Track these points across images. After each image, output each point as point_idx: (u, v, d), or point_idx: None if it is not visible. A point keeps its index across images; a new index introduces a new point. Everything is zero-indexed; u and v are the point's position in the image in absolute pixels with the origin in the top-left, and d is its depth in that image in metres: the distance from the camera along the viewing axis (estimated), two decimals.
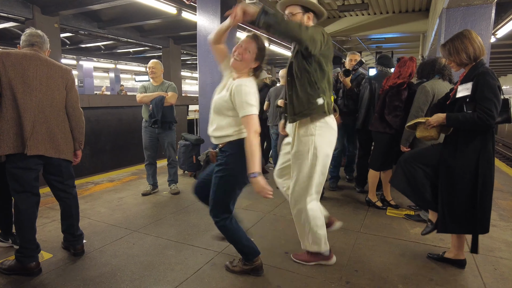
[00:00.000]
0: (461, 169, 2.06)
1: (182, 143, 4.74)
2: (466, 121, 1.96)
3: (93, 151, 7.34)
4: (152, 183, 3.98)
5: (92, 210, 3.37)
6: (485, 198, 2.04)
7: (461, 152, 2.05)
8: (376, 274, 2.19)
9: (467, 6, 4.15)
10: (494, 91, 1.92)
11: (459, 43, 2.03)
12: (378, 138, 3.34)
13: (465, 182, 2.05)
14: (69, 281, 2.10)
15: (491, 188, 2.06)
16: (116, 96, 12.85)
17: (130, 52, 17.02)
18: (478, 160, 2.01)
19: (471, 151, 2.02)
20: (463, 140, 2.05)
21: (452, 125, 2.07)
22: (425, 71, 3.03)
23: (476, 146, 2.01)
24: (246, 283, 2.08)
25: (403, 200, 3.74)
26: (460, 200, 2.08)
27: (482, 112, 1.90)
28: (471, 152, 2.02)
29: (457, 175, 2.07)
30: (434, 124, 2.12)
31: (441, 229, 2.16)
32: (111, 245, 2.60)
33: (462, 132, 2.06)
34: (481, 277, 2.17)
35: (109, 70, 22.44)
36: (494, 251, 2.52)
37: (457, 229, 2.15)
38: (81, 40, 13.40)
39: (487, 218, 2.08)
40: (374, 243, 2.67)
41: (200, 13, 5.21)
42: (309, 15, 2.12)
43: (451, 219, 2.11)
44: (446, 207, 2.11)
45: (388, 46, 12.60)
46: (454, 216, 2.10)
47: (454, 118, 2.02)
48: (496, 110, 1.91)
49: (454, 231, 2.18)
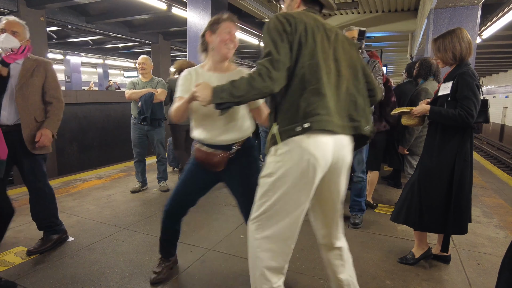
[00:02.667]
0: (438, 168, 2.09)
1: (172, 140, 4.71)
2: (447, 116, 2.00)
3: (81, 147, 7.24)
4: (141, 180, 3.95)
5: (81, 208, 3.33)
6: (460, 197, 2.06)
7: (438, 151, 2.09)
8: (364, 270, 2.23)
9: (454, 7, 4.23)
10: (473, 91, 1.96)
11: (449, 41, 2.05)
12: (378, 138, 3.38)
13: (441, 180, 2.08)
14: (57, 279, 2.07)
15: (468, 189, 2.09)
16: (104, 92, 12.67)
17: (119, 47, 16.80)
18: (455, 159, 2.05)
19: (449, 150, 2.06)
20: (442, 139, 2.09)
21: (433, 118, 2.11)
22: (422, 71, 3.12)
23: (453, 146, 2.05)
24: (236, 281, 2.09)
25: (391, 197, 3.81)
26: (436, 199, 2.10)
27: (463, 110, 1.95)
28: (448, 151, 2.06)
29: (434, 174, 2.11)
30: (418, 114, 2.19)
31: (418, 227, 2.20)
32: (100, 243, 2.58)
33: (441, 130, 2.10)
34: (464, 271, 2.23)
35: (97, 66, 22.09)
36: (478, 246, 2.59)
37: (433, 228, 2.19)
38: (68, 34, 13.15)
39: (463, 218, 2.10)
40: (362, 239, 2.71)
41: (190, 9, 5.18)
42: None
43: (428, 217, 2.14)
44: (424, 205, 2.14)
45: (378, 45, 12.73)
46: (430, 215, 2.13)
47: (436, 111, 2.07)
48: (475, 109, 1.95)
49: (429, 229, 2.22)
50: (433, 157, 2.11)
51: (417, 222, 2.18)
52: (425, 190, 2.14)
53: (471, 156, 2.10)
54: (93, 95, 7.99)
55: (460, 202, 2.07)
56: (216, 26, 1.78)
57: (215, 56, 1.82)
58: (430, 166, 2.13)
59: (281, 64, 1.30)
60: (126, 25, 11.83)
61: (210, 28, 1.80)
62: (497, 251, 2.51)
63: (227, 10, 5.36)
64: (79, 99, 7.22)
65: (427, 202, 2.13)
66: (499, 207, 3.50)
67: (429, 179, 2.13)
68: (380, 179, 4.43)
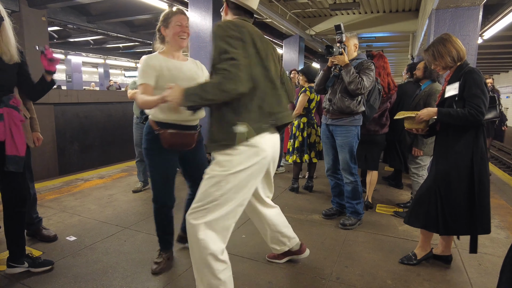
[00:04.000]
0: (455, 169, 2.05)
1: None
2: (457, 116, 1.98)
3: (82, 147, 7.25)
4: (143, 179, 3.96)
5: (82, 207, 3.34)
6: (483, 196, 2.04)
7: (453, 151, 2.06)
8: (365, 270, 2.24)
9: (456, 8, 4.22)
10: (481, 88, 1.96)
11: (442, 47, 2.07)
12: (377, 139, 3.38)
13: (461, 182, 2.04)
14: (59, 278, 2.08)
15: (488, 186, 2.06)
16: (105, 91, 12.69)
17: (120, 47, 16.78)
18: (472, 157, 2.02)
19: (464, 150, 2.03)
20: (454, 139, 2.06)
21: (443, 119, 2.08)
22: (427, 72, 3.14)
23: (468, 145, 2.02)
24: (237, 280, 2.10)
25: (392, 197, 3.81)
26: (459, 201, 2.06)
27: (472, 108, 1.94)
28: (463, 151, 2.03)
29: (452, 176, 2.06)
30: (424, 118, 2.17)
31: (443, 231, 2.13)
32: (102, 242, 2.58)
33: (452, 131, 2.08)
34: (466, 272, 2.24)
35: (98, 65, 22.08)
36: (479, 247, 2.56)
37: (459, 231, 2.12)
38: (69, 34, 13.15)
39: (487, 218, 2.06)
40: (364, 239, 2.71)
41: (192, 9, 5.19)
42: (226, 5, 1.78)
43: (452, 221, 2.08)
44: (447, 208, 2.09)
45: (379, 45, 12.72)
46: (455, 217, 2.08)
47: (445, 112, 2.04)
48: (484, 106, 1.94)
49: (456, 232, 2.15)
50: (448, 158, 2.08)
51: (441, 227, 2.12)
52: (446, 193, 2.09)
53: (487, 153, 2.07)
54: (94, 95, 8.00)
55: (484, 201, 2.04)
56: (168, 21, 2.03)
57: (172, 46, 2.07)
58: (447, 169, 2.08)
59: (243, 66, 1.50)
60: (127, 25, 11.83)
61: (163, 24, 2.05)
62: (498, 252, 2.51)
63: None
64: (80, 99, 7.22)
65: (450, 205, 2.08)
66: (500, 207, 3.50)
67: (448, 182, 2.08)
68: (381, 179, 4.45)
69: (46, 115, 6.44)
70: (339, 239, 2.71)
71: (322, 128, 3.07)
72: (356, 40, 2.90)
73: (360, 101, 2.81)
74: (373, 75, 2.77)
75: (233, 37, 1.52)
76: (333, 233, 2.82)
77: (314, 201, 3.68)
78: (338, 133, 2.87)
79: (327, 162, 3.12)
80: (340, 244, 2.61)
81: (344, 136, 2.83)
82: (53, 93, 6.61)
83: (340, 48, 2.70)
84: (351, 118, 2.81)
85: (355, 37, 2.90)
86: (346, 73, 2.68)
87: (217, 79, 1.46)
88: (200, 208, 1.61)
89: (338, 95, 2.80)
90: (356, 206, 2.92)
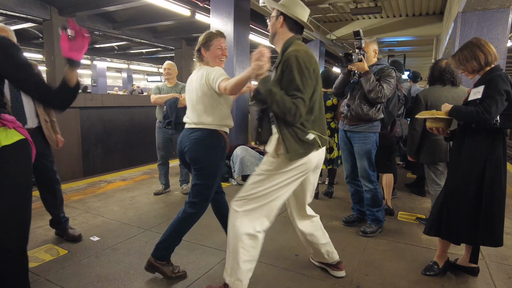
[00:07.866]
0: (464, 174, 2.03)
1: None
2: (465, 113, 1.97)
3: (105, 149, 7.47)
4: (164, 182, 4.03)
5: (105, 208, 3.44)
6: (492, 206, 1.97)
7: (466, 156, 2.03)
8: (387, 279, 2.19)
9: (483, 10, 4.10)
10: (499, 92, 1.90)
11: (468, 51, 2.04)
12: (384, 142, 3.31)
13: (469, 187, 2.01)
14: (83, 277, 2.15)
15: (501, 197, 2.00)
16: (128, 96, 13.04)
17: (143, 52, 17.23)
18: (484, 164, 1.97)
19: (477, 155, 1.99)
20: (470, 144, 2.03)
21: (452, 115, 2.06)
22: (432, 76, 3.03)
23: (483, 151, 1.98)
24: (257, 285, 2.10)
25: (414, 205, 3.71)
26: (464, 207, 2.03)
27: (481, 107, 1.89)
28: (477, 156, 1.99)
29: (460, 180, 2.05)
30: (441, 115, 2.13)
31: (445, 236, 2.12)
32: (124, 243, 2.65)
33: (469, 137, 2.04)
34: (494, 285, 2.14)
35: (122, 70, 22.75)
36: (508, 259, 2.48)
37: (460, 238, 2.09)
38: (95, 40, 13.63)
39: (496, 229, 2.00)
40: (385, 247, 2.65)
41: (213, 15, 5.27)
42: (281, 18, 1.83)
43: (456, 227, 2.05)
44: (452, 213, 2.06)
45: (401, 49, 12.49)
46: (459, 224, 2.04)
47: (456, 108, 2.03)
48: (495, 108, 1.87)
49: (456, 239, 2.12)
50: (460, 163, 2.05)
51: (446, 232, 2.10)
52: (452, 196, 2.07)
53: (505, 163, 2.01)
54: (117, 99, 8.23)
55: (492, 211, 1.98)
56: (209, 43, 2.11)
57: (211, 66, 2.12)
58: (457, 172, 2.07)
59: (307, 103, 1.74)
60: (151, 31, 12.14)
61: (204, 46, 2.12)
62: None
63: (249, 17, 5.43)
64: (105, 103, 7.45)
65: (454, 209, 2.06)
66: None
67: (455, 185, 2.07)
68: (404, 186, 4.34)
69: (73, 118, 6.67)
70: (360, 246, 2.66)
71: (340, 134, 3.03)
72: (375, 45, 2.85)
73: (380, 108, 2.75)
74: (393, 82, 2.72)
75: (306, 76, 1.70)
76: (353, 240, 2.77)
77: (334, 207, 3.63)
78: (356, 139, 2.83)
79: (346, 169, 3.07)
80: (360, 252, 2.57)
81: (362, 143, 2.79)
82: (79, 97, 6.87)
83: (359, 54, 2.66)
84: (369, 124, 2.76)
85: (374, 42, 2.85)
86: (366, 81, 2.64)
87: (289, 103, 1.66)
88: (243, 198, 1.86)
89: (357, 101, 2.75)
90: (376, 213, 2.86)
